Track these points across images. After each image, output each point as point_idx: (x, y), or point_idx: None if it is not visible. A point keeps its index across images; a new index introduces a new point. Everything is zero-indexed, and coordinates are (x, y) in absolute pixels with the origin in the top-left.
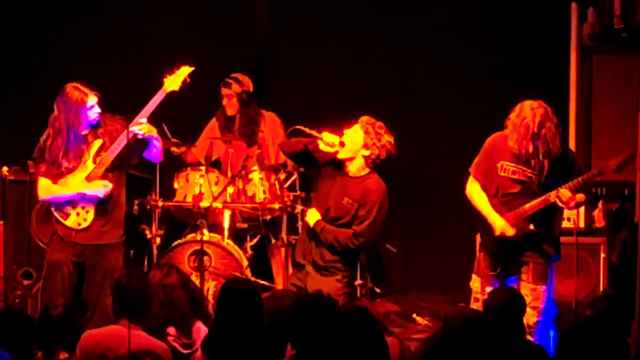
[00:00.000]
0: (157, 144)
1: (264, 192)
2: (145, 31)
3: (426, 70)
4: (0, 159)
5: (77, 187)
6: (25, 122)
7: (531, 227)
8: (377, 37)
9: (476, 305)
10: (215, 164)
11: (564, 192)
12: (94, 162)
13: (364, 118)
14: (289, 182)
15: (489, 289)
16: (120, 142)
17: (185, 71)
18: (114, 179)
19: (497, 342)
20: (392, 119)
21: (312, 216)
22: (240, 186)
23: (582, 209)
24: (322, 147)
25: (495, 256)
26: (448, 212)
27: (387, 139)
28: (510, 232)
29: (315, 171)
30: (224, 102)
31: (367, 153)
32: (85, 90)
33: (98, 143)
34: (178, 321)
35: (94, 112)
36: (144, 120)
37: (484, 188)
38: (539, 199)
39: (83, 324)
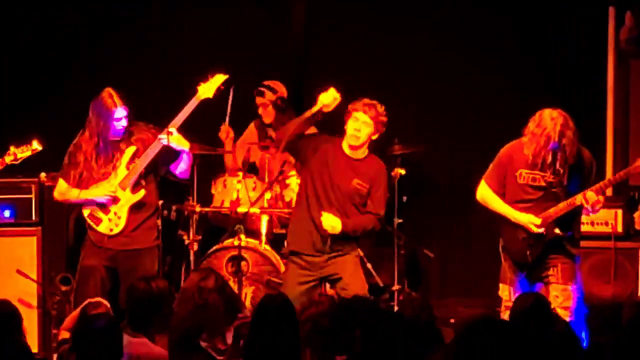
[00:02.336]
0: (186, 158)
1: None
2: (180, 38)
3: (463, 77)
4: (38, 165)
5: (86, 194)
6: (63, 128)
7: (557, 231)
8: (413, 41)
9: (507, 314)
10: (252, 170)
11: (591, 195)
12: (127, 168)
13: (365, 102)
14: None
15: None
16: (153, 150)
17: (219, 79)
18: (146, 185)
19: (525, 347)
20: (430, 125)
21: (333, 220)
22: (278, 191)
23: (620, 213)
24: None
25: (519, 260)
26: (484, 217)
27: (384, 116)
28: (537, 221)
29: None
30: (260, 110)
31: (376, 137)
32: (117, 100)
33: (132, 150)
34: (212, 326)
35: (120, 125)
36: (174, 129)
37: (501, 196)
38: (565, 203)
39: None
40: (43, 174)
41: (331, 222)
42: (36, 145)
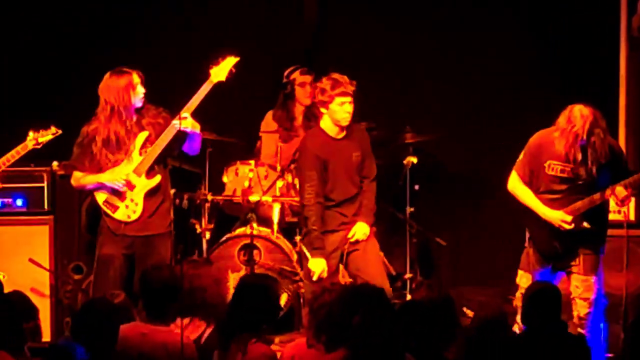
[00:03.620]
0: (197, 138)
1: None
2: (194, 23)
3: (475, 65)
4: (49, 153)
5: (100, 178)
6: (74, 116)
7: (585, 224)
8: (426, 29)
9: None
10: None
11: (620, 190)
12: (141, 154)
13: (343, 83)
14: None
15: None
16: (168, 136)
17: (230, 61)
18: (159, 170)
19: (533, 334)
20: (443, 115)
21: (363, 227)
22: (290, 180)
23: (632, 201)
24: None
25: (546, 252)
26: (497, 205)
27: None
28: (568, 219)
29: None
30: (305, 89)
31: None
32: (128, 70)
33: (144, 135)
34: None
35: (140, 92)
36: (187, 114)
37: (529, 185)
38: (593, 197)
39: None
40: (55, 163)
41: (363, 230)
42: (55, 129)
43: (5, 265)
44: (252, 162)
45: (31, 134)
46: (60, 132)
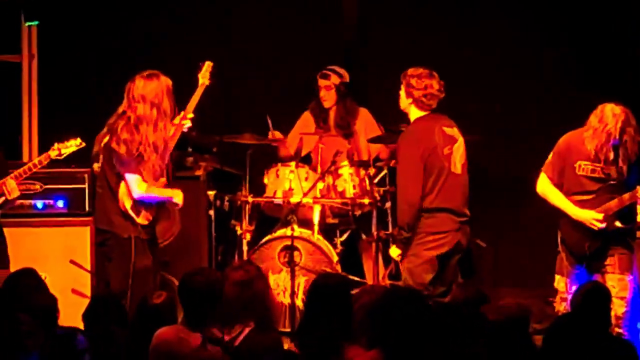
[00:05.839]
0: None
1: (354, 187)
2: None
3: (518, 67)
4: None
5: (164, 192)
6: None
7: (618, 224)
8: (469, 28)
9: (563, 306)
10: (305, 159)
11: None
12: None
13: None
14: (378, 177)
15: (574, 288)
16: (177, 137)
17: (208, 66)
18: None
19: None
20: (483, 115)
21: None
22: (330, 182)
23: None
24: None
25: (578, 252)
26: (537, 206)
27: None
28: (599, 217)
29: None
30: (322, 93)
31: None
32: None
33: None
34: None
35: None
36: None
37: (559, 187)
38: (623, 197)
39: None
40: (96, 164)
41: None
42: (80, 141)
43: (47, 267)
44: (293, 163)
45: (56, 145)
46: (84, 144)
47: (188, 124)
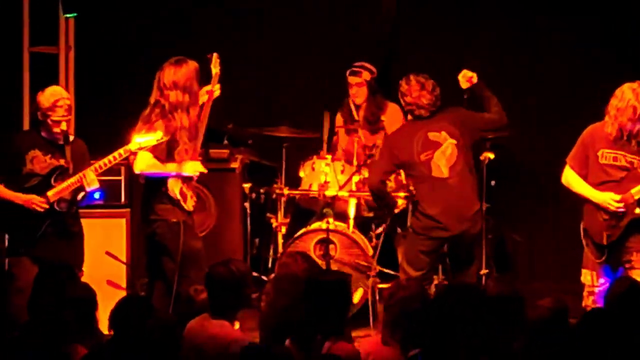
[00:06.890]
0: None
1: (390, 181)
2: (267, 20)
3: (553, 61)
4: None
5: (168, 167)
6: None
7: (638, 211)
8: (501, 24)
9: (591, 299)
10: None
11: None
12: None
13: None
14: None
15: (601, 281)
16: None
17: (216, 56)
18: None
19: (620, 334)
20: (519, 109)
21: None
22: (366, 175)
23: None
24: None
25: (599, 242)
26: (573, 201)
27: None
28: (617, 197)
29: None
30: (353, 91)
31: None
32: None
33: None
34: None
35: None
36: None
37: (584, 178)
38: None
39: None
40: (132, 157)
41: None
42: (161, 135)
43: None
44: (329, 156)
45: (134, 137)
46: (166, 138)
47: (217, 92)
